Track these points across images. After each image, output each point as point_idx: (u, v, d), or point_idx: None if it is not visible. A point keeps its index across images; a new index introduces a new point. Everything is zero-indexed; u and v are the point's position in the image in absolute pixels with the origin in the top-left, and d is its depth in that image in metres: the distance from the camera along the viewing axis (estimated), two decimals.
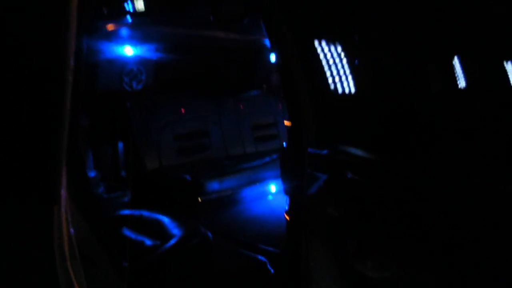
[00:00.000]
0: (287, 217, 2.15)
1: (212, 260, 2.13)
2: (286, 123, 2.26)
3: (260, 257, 2.59)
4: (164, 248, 1.88)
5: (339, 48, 2.17)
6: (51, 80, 1.09)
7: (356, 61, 2.26)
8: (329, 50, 2.14)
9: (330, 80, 2.06)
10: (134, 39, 3.28)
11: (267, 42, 3.95)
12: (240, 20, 2.54)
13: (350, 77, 2.19)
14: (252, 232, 3.00)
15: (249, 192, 3.59)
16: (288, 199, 2.10)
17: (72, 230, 1.17)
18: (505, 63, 2.53)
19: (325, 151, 1.76)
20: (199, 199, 3.19)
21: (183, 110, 3.82)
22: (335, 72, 2.14)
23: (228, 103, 4.09)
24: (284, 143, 2.16)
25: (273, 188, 3.82)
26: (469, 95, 2.51)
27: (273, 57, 4.36)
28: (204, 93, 4.00)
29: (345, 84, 2.16)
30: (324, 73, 2.00)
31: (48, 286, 1.10)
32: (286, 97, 2.05)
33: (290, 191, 2.08)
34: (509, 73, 2.51)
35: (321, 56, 2.05)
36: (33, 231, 1.06)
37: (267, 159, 3.87)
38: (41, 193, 1.07)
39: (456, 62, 2.82)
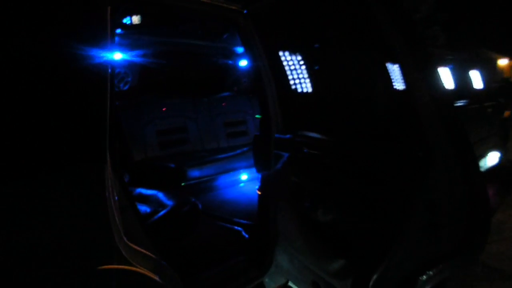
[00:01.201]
0: (259, 192, 2.70)
1: (200, 224, 2.64)
2: (258, 116, 2.82)
3: (235, 227, 3.13)
4: (162, 213, 2.37)
5: (299, 57, 2.72)
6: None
7: (314, 67, 2.81)
8: (291, 59, 2.70)
9: (291, 82, 2.62)
10: (122, 46, 3.73)
11: (237, 50, 4.53)
12: (222, 34, 3.08)
13: (307, 80, 2.74)
14: (227, 210, 3.53)
15: (224, 179, 4.13)
16: (260, 177, 2.65)
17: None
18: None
19: (288, 136, 2.34)
20: (182, 184, 3.70)
21: (164, 109, 4.30)
22: (295, 76, 2.69)
23: (203, 103, 4.59)
24: (257, 133, 2.71)
25: (244, 176, 4.40)
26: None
27: (242, 63, 4.91)
28: (182, 94, 4.48)
29: (303, 85, 2.72)
30: (287, 76, 2.55)
31: (104, 229, 1.55)
32: (258, 96, 2.61)
33: (261, 169, 2.63)
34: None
35: (285, 63, 2.59)
36: (93, 182, 1.53)
37: (239, 151, 4.41)
38: (96, 154, 1.55)
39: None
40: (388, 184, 1.70)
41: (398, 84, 3.49)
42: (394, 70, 3.59)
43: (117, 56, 3.84)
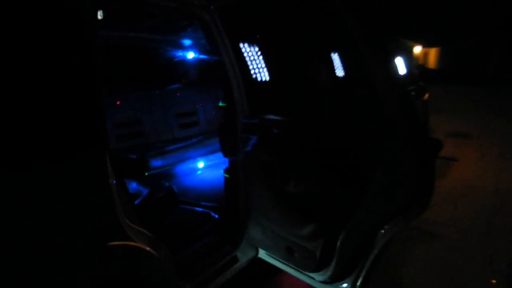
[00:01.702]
0: (226, 175, 2.91)
1: (176, 207, 2.80)
2: (221, 105, 3.02)
3: (203, 210, 3.33)
4: (141, 197, 2.51)
5: (257, 49, 2.95)
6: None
7: (271, 57, 3.05)
8: (250, 50, 2.93)
9: (252, 72, 2.85)
10: None
11: (184, 42, 4.64)
12: (185, 29, 3.21)
13: (265, 69, 2.99)
14: (191, 195, 3.71)
15: (182, 167, 4.28)
16: (228, 160, 2.86)
17: None
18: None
19: (256, 120, 2.58)
20: (146, 174, 3.79)
21: (118, 103, 4.31)
22: (255, 66, 2.93)
23: (156, 95, 4.67)
24: (221, 120, 2.91)
25: (201, 164, 4.59)
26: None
27: (189, 55, 5.03)
28: (135, 87, 4.52)
29: (262, 74, 2.96)
30: (248, 66, 2.78)
31: (110, 211, 1.70)
32: (223, 85, 2.80)
33: (229, 153, 2.84)
34: None
35: (245, 54, 2.81)
36: (97, 169, 1.66)
37: (194, 140, 4.58)
38: (98, 142, 1.68)
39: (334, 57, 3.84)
40: (352, 155, 2.02)
41: (339, 70, 3.89)
42: (335, 59, 3.99)
43: None
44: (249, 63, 2.82)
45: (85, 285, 1.56)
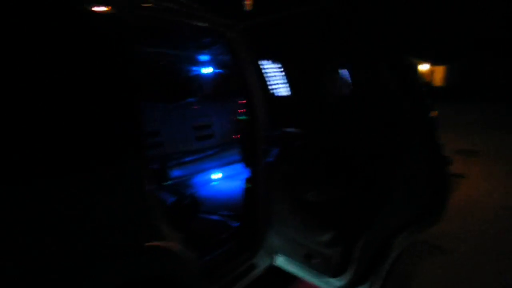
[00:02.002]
0: (246, 185, 3.04)
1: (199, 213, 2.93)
2: (241, 118, 3.18)
3: (221, 218, 3.46)
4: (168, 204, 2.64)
5: (276, 65, 3.12)
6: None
7: (287, 73, 3.23)
8: (271, 67, 3.10)
9: (272, 87, 3.01)
10: None
11: (200, 58, 4.84)
12: (210, 47, 3.40)
13: (286, 85, 3.16)
14: (209, 205, 3.84)
15: (199, 178, 4.43)
16: (249, 170, 2.99)
17: None
18: None
19: (277, 132, 2.73)
20: (164, 184, 3.94)
21: None
22: (276, 81, 3.09)
23: (174, 108, 4.84)
24: (243, 132, 3.06)
25: (217, 175, 4.75)
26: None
27: (205, 70, 5.23)
28: (154, 100, 4.69)
29: (284, 89, 3.13)
30: (268, 82, 2.94)
31: (148, 213, 1.86)
32: (246, 100, 2.95)
33: (250, 164, 2.98)
34: None
35: (266, 70, 2.98)
36: (137, 175, 1.82)
37: (210, 152, 4.75)
38: (137, 152, 1.84)
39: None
40: (373, 165, 2.16)
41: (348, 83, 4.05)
42: (344, 74, 4.16)
43: None
44: (269, 79, 2.98)
45: (121, 281, 1.69)
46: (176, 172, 4.11)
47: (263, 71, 2.85)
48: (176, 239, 2.00)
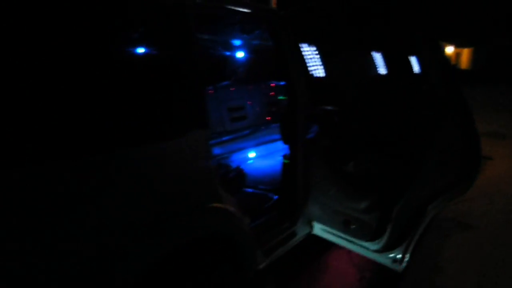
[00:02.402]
0: (285, 160, 3.28)
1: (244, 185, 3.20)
2: (281, 98, 3.42)
3: (261, 192, 3.73)
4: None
5: (314, 48, 3.32)
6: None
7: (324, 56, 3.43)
8: (309, 50, 3.30)
9: (310, 68, 3.23)
10: None
11: (234, 43, 5.06)
12: (253, 31, 3.64)
13: (321, 66, 3.36)
14: (248, 180, 4.12)
15: (236, 157, 4.71)
16: (288, 146, 3.22)
17: None
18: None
19: (317, 110, 2.95)
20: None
21: None
22: (314, 63, 3.30)
23: (210, 91, 5.09)
24: (283, 111, 3.29)
25: (252, 154, 5.02)
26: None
27: (239, 54, 5.46)
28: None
29: (320, 70, 3.33)
30: (307, 63, 3.16)
31: (210, 179, 2.16)
32: (286, 81, 3.16)
33: (289, 140, 3.20)
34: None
35: (305, 53, 3.19)
36: (205, 144, 2.11)
37: (246, 132, 5.03)
38: (205, 121, 2.12)
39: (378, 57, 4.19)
40: (406, 137, 2.37)
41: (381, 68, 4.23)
42: (377, 58, 4.33)
43: None
44: (308, 60, 3.20)
45: (187, 238, 1.97)
46: (216, 151, 4.40)
47: (302, 53, 3.07)
48: (231, 202, 2.28)
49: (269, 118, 5.64)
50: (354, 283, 3.18)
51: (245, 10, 2.65)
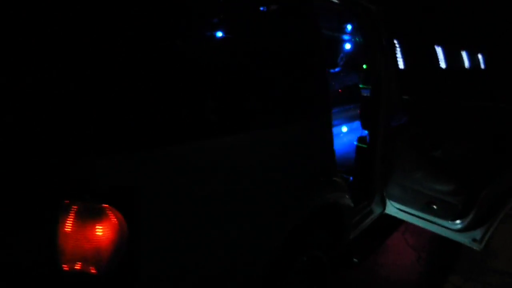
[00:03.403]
0: (361, 144, 3.50)
1: None
2: (362, 86, 3.65)
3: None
4: None
5: (395, 42, 3.53)
6: None
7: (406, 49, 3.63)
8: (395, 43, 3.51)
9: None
10: None
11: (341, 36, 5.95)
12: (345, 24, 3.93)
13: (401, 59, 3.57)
14: None
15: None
16: (368, 132, 3.44)
17: None
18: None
19: (407, 98, 3.18)
20: None
21: None
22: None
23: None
24: (366, 98, 3.52)
25: (344, 129, 5.90)
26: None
27: (347, 46, 6.34)
28: None
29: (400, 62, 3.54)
30: (396, 55, 3.37)
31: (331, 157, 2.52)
32: (372, 70, 3.36)
33: (369, 126, 3.41)
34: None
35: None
36: (328, 125, 2.44)
37: (341, 108, 5.81)
38: (328, 109, 2.45)
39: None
40: (494, 126, 2.62)
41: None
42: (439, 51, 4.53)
43: None
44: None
45: (321, 204, 2.36)
46: None
47: (392, 45, 3.28)
48: (338, 176, 2.59)
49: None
50: (414, 262, 3.50)
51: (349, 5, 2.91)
